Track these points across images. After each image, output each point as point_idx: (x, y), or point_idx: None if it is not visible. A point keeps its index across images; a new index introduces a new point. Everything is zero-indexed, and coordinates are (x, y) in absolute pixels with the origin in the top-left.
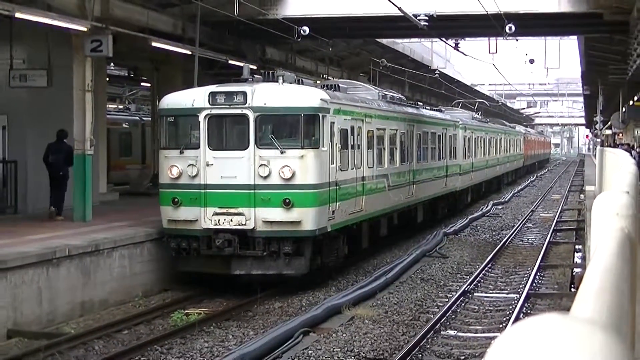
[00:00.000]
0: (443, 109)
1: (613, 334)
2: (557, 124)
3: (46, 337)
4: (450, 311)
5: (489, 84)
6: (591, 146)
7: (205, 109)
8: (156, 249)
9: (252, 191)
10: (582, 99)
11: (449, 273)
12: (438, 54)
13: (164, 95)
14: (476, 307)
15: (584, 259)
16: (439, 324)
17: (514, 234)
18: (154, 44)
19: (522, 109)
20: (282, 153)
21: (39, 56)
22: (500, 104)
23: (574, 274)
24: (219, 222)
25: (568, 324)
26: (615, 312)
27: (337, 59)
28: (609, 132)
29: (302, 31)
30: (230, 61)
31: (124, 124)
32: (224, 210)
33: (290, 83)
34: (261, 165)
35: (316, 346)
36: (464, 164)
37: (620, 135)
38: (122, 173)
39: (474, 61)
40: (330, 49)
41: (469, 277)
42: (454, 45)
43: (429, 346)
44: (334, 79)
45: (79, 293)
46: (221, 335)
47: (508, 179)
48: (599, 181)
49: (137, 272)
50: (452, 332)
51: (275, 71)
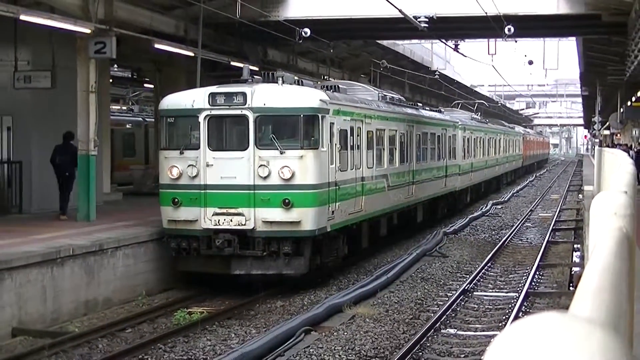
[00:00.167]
0: (442, 110)
1: (611, 332)
2: (556, 125)
3: (50, 335)
4: (450, 310)
5: (489, 85)
6: (589, 146)
7: (205, 109)
8: (159, 248)
9: (252, 191)
10: (580, 100)
11: (449, 272)
12: (438, 55)
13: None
14: (476, 305)
15: (582, 258)
16: (439, 323)
17: (513, 234)
18: (157, 45)
19: (521, 109)
20: (281, 153)
21: (43, 58)
22: (499, 104)
23: (572, 273)
24: (218, 222)
25: (567, 322)
26: (614, 310)
27: (338, 60)
28: (607, 132)
29: (303, 33)
30: (233, 62)
31: (127, 125)
32: (224, 211)
33: (289, 84)
34: (261, 165)
35: (318, 344)
36: (463, 164)
37: (619, 135)
38: (125, 173)
39: (473, 62)
40: (331, 50)
41: (468, 276)
42: (453, 46)
43: (429, 344)
44: (334, 80)
45: (83, 292)
46: (224, 334)
47: (507, 179)
48: (598, 181)
49: (140, 272)
50: (452, 331)
51: (275, 72)
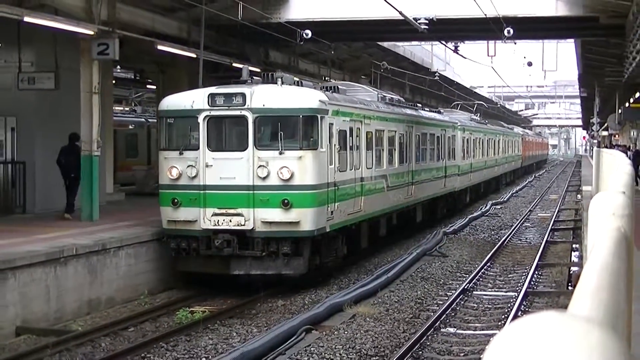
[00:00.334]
0: (442, 111)
1: (610, 331)
2: (555, 126)
3: (54, 334)
4: (450, 309)
5: (488, 86)
6: (588, 147)
7: (204, 110)
8: (161, 248)
9: (251, 192)
10: (579, 101)
11: (449, 272)
12: (438, 56)
13: None
14: (475, 305)
15: (581, 258)
16: (438, 322)
17: (512, 234)
18: (159, 47)
19: (520, 110)
20: (280, 154)
21: (46, 59)
22: (498, 105)
23: (571, 272)
24: (218, 222)
25: (566, 321)
26: (612, 310)
27: (339, 61)
28: (605, 133)
29: (304, 34)
30: (234, 64)
31: (130, 126)
32: (223, 211)
33: (289, 85)
34: (260, 166)
35: (318, 343)
36: (462, 164)
37: (617, 136)
38: (128, 174)
39: (473, 64)
40: (332, 52)
41: (468, 275)
42: (453, 48)
43: (429, 343)
44: (334, 81)
45: (86, 291)
46: (225, 333)
47: (506, 180)
48: (596, 181)
49: (142, 271)
50: (451, 330)
51: (274, 73)
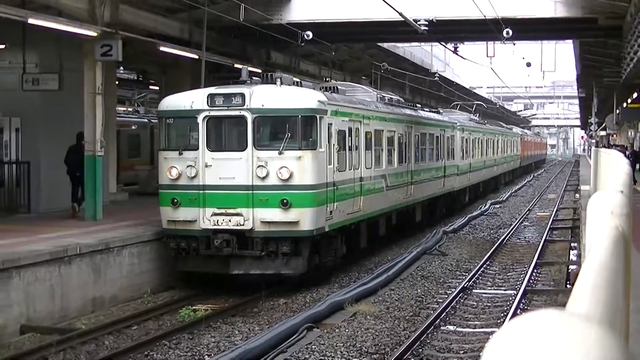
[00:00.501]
0: (441, 111)
1: (608, 329)
2: (553, 126)
3: (58, 332)
4: (450, 307)
5: (487, 87)
6: (586, 147)
7: (204, 110)
8: (163, 247)
9: (251, 192)
10: (577, 101)
11: (449, 270)
12: (437, 57)
13: None
14: (475, 303)
15: (579, 256)
16: (438, 320)
17: (511, 232)
18: (162, 48)
19: (519, 111)
20: (280, 154)
21: (50, 61)
22: (497, 106)
23: (569, 271)
24: (217, 222)
25: (564, 319)
26: (610, 308)
27: (340, 62)
28: (603, 133)
29: (305, 36)
30: (236, 65)
31: (133, 126)
32: (223, 211)
33: (288, 85)
34: (259, 166)
35: (320, 341)
36: (461, 164)
37: (615, 136)
38: (131, 174)
39: (472, 64)
40: (333, 53)
41: (467, 274)
42: (453, 49)
43: (429, 341)
44: (333, 82)
45: (90, 290)
46: (227, 331)
47: (505, 179)
48: (594, 181)
49: (145, 270)
50: (451, 328)
51: (273, 73)
